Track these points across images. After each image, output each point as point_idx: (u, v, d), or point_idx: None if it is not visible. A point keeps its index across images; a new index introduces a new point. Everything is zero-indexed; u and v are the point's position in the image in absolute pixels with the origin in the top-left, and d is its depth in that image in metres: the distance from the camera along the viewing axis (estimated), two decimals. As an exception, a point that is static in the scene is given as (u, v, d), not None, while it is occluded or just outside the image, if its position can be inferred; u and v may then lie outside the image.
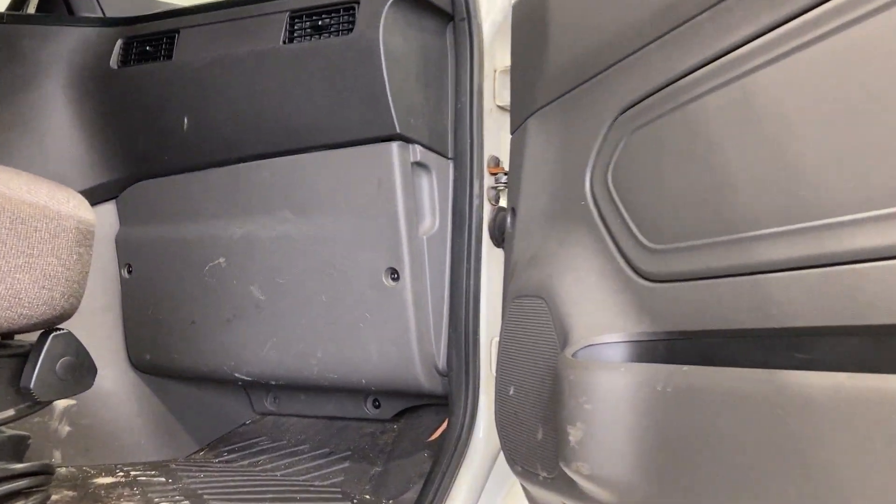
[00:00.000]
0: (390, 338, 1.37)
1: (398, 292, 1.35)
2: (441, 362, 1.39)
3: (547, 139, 1.05)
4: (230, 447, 1.71)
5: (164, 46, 1.53)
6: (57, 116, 1.58)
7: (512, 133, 1.20)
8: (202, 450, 1.72)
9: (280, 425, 1.79)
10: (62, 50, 1.59)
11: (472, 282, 1.36)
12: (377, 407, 1.71)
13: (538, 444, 0.94)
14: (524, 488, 1.08)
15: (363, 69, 1.34)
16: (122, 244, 1.65)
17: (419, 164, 1.37)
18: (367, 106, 1.34)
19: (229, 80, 1.44)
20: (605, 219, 0.89)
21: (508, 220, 1.25)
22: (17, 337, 0.99)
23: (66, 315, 0.98)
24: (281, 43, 1.40)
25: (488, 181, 1.40)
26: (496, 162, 1.42)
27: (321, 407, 1.78)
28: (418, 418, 1.63)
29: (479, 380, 1.36)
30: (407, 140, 1.34)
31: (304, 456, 1.62)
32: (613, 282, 0.85)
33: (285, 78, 1.41)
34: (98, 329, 1.61)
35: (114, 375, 1.62)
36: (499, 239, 1.39)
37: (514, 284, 1.11)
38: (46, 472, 1.01)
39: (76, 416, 1.58)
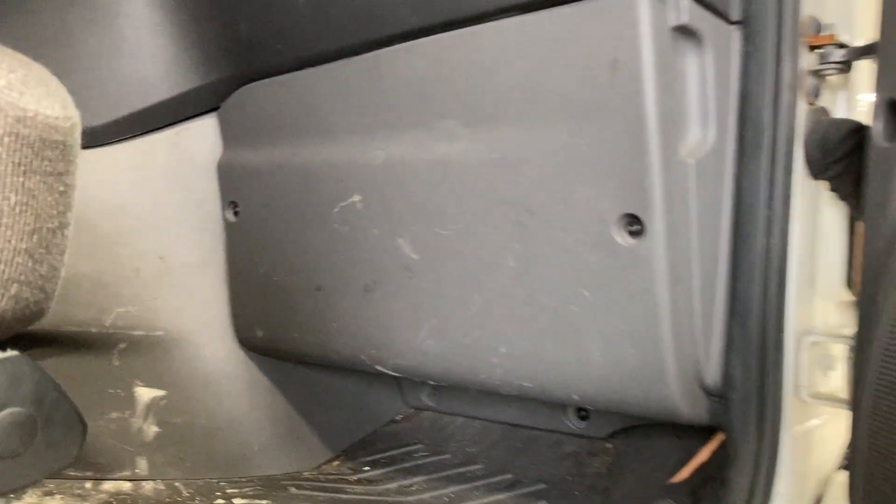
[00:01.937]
0: (624, 330, 0.81)
1: (640, 256, 0.79)
2: (712, 374, 0.82)
3: None
4: (373, 458, 1.23)
5: None
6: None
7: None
8: (336, 458, 1.25)
9: (441, 427, 1.29)
10: None
11: (773, 241, 0.78)
12: (584, 419, 1.17)
13: None
14: None
15: None
16: (225, 174, 1.17)
17: (684, 31, 0.78)
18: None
19: None
20: None
21: (876, 126, 0.65)
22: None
23: (27, 314, 0.49)
24: None
25: (807, 61, 0.79)
26: (817, 28, 0.80)
27: (499, 408, 1.26)
28: (646, 440, 1.08)
29: (780, 407, 0.79)
30: (664, -13, 0.76)
31: (478, 483, 1.11)
32: None
33: None
34: (194, 293, 1.15)
35: (216, 357, 1.16)
36: (821, 165, 0.79)
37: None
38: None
39: (166, 411, 1.15)
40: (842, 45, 0.80)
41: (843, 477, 0.82)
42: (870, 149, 0.69)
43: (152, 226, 1.14)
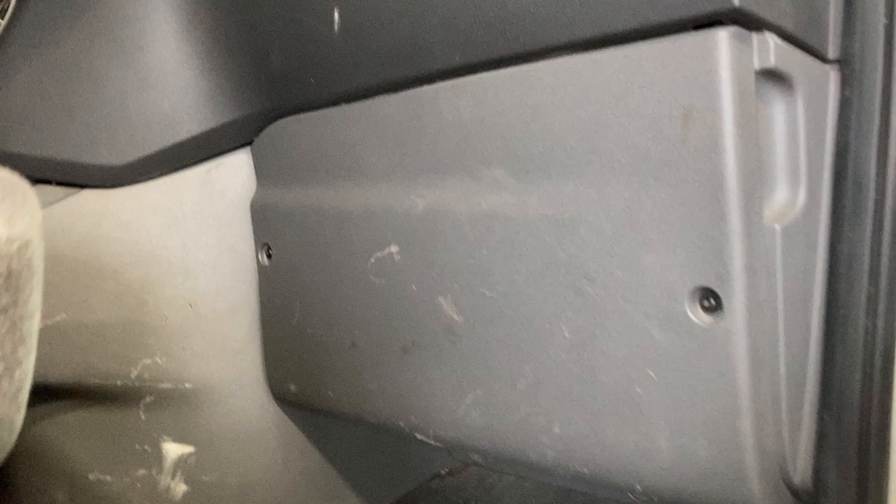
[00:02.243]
0: (696, 418, 0.70)
1: (716, 336, 0.67)
2: (801, 474, 0.71)
3: None
4: (416, 520, 1.14)
5: None
6: (158, 21, 1.04)
7: None
8: (376, 519, 1.16)
9: (490, 486, 1.19)
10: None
11: (877, 321, 0.66)
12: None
13: None
14: None
15: None
16: (258, 213, 1.09)
17: (771, 75, 0.66)
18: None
19: None
20: None
21: None
22: None
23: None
24: None
25: (921, 108, 0.67)
26: (932, 67, 0.68)
27: (553, 471, 1.15)
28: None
29: (883, 516, 0.67)
30: (751, 23, 0.64)
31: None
32: None
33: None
34: (225, 342, 1.08)
35: (247, 411, 1.09)
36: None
37: None
38: None
39: (195, 469, 1.08)
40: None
41: None
42: None
43: (182, 271, 1.06)
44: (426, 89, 0.86)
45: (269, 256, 1.08)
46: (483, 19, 0.79)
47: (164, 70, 1.04)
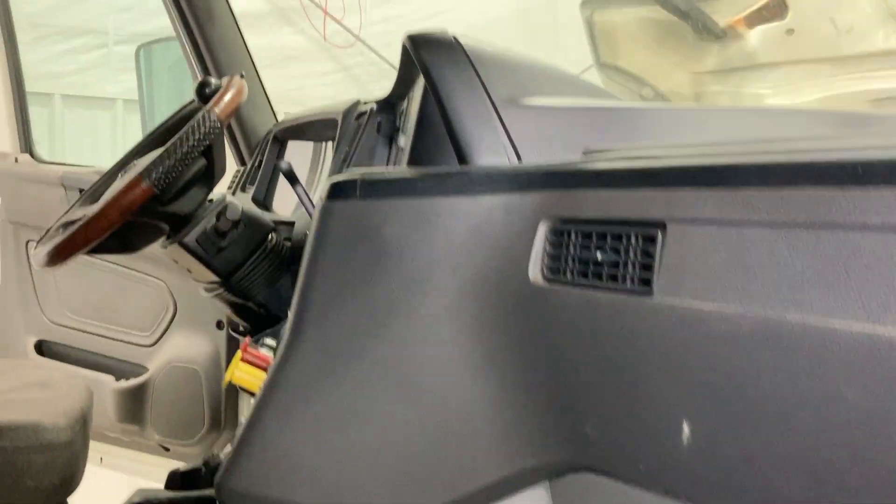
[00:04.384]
0: None
1: None
2: None
3: None
4: None
5: (630, 254, 0.75)
6: (446, 360, 0.90)
7: None
8: None
9: None
10: (445, 235, 0.90)
11: None
12: None
13: None
14: None
15: None
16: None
17: None
18: None
19: (795, 356, 0.61)
20: None
21: None
22: None
23: None
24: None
25: None
26: None
27: None
28: None
29: None
30: None
31: None
32: None
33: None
34: None
35: None
36: None
37: None
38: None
39: None
40: None
41: None
42: None
43: None
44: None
45: None
46: None
47: (453, 413, 0.91)
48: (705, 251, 0.69)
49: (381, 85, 4.83)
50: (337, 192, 0.95)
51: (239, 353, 1.06)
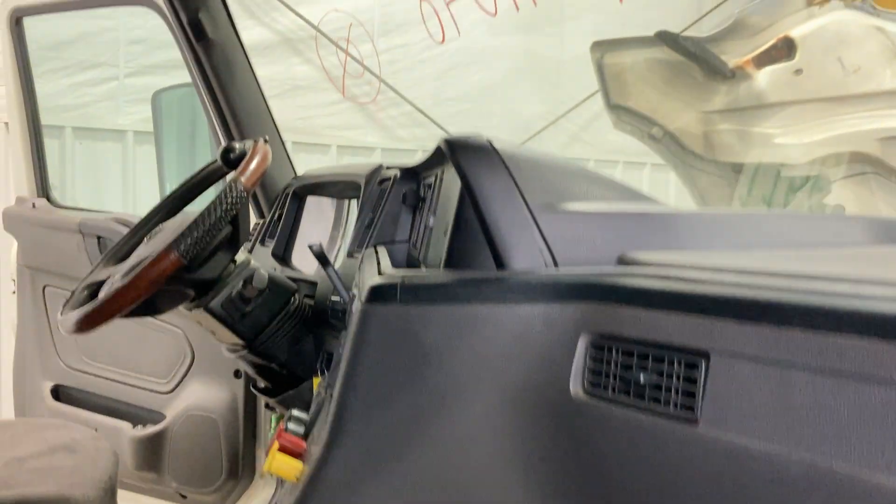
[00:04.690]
0: None
1: None
2: None
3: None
4: None
5: (674, 380, 0.77)
6: (480, 459, 0.92)
7: None
8: None
9: None
10: (485, 343, 0.92)
11: None
12: None
13: None
14: None
15: None
16: None
17: None
18: None
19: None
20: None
21: None
22: None
23: None
24: None
25: None
26: None
27: None
28: None
29: None
30: None
31: None
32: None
33: None
34: None
35: None
36: None
37: None
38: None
39: None
40: None
41: None
42: None
43: None
44: None
45: None
46: None
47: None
48: (750, 386, 0.71)
49: (387, 113, 4.87)
50: (377, 295, 0.97)
51: (276, 444, 1.08)
